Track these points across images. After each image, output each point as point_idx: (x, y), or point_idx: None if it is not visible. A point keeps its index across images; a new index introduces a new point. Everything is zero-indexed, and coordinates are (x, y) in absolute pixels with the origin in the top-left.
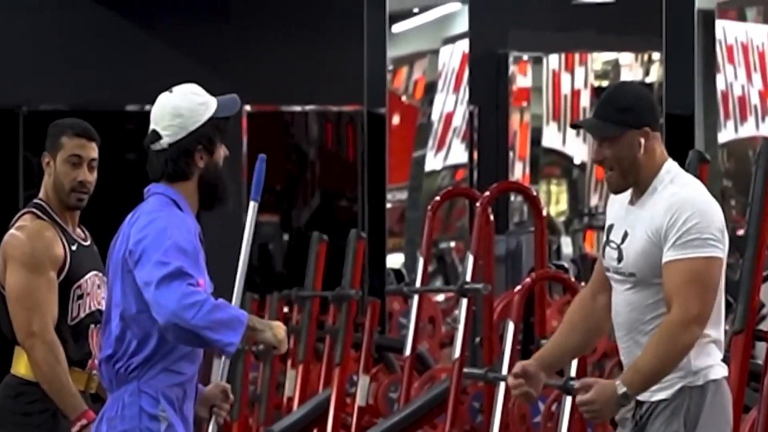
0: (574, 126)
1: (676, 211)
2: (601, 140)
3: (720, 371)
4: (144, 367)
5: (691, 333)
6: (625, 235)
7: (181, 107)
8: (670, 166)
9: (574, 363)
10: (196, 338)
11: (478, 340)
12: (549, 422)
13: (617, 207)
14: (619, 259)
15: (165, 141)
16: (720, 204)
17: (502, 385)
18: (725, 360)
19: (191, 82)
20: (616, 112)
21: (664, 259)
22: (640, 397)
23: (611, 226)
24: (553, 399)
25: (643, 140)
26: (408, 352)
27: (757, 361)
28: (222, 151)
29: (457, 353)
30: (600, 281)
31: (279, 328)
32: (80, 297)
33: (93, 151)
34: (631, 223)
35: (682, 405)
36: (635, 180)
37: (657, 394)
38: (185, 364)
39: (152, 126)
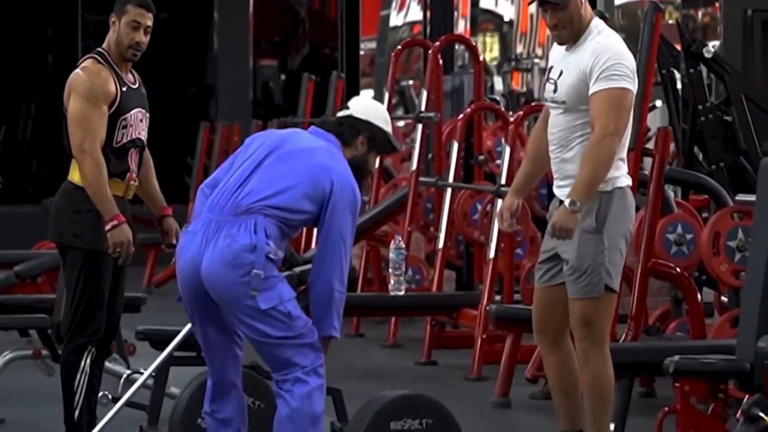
0: (532, 1)
1: (600, 54)
2: (554, 8)
3: (625, 181)
4: (274, 217)
5: (610, 143)
6: (561, 73)
7: (374, 106)
8: (597, 21)
9: (504, 172)
10: (327, 298)
11: (430, 156)
12: (485, 219)
13: (556, 54)
14: (555, 90)
15: (351, 111)
16: None
17: (449, 190)
18: None
19: None
20: None
21: (591, 91)
22: (561, 197)
23: (551, 68)
24: (488, 201)
25: (582, 0)
26: (376, 165)
27: (644, 172)
28: (373, 161)
29: (414, 166)
30: (547, 118)
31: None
32: (125, 127)
33: (149, 19)
34: (565, 64)
35: (594, 205)
36: (578, 32)
37: None
38: (285, 242)
39: (350, 104)
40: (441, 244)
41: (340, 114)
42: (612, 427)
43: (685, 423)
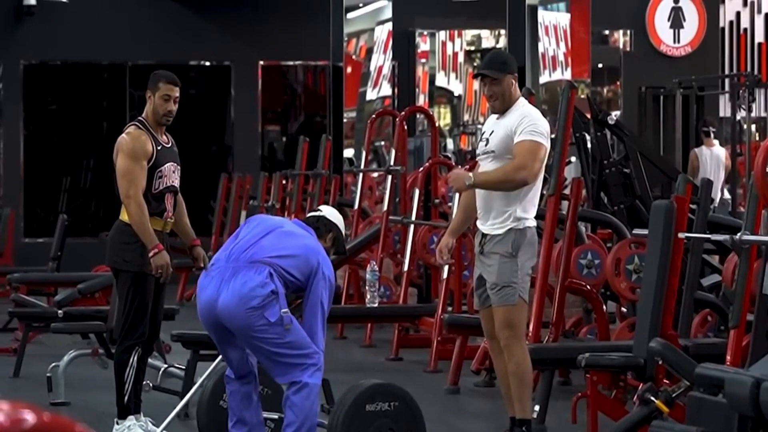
0: (476, 75)
1: (524, 117)
2: (491, 82)
3: (532, 223)
4: (278, 273)
5: (521, 174)
6: (492, 132)
7: (339, 216)
8: (522, 100)
9: (455, 212)
10: (319, 312)
11: (397, 199)
12: None
13: (489, 122)
14: (487, 144)
15: (324, 214)
16: None
17: (412, 226)
18: (544, 214)
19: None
20: (499, 65)
21: (515, 141)
22: (485, 232)
23: (484, 132)
24: (442, 234)
25: (513, 81)
26: (356, 207)
27: (562, 212)
28: (330, 255)
29: (385, 207)
30: None
31: None
32: (160, 177)
33: (176, 92)
34: (496, 127)
35: (510, 237)
36: (508, 104)
37: (495, 230)
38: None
39: (322, 208)
40: (406, 268)
41: (314, 213)
42: (537, 408)
43: (594, 405)
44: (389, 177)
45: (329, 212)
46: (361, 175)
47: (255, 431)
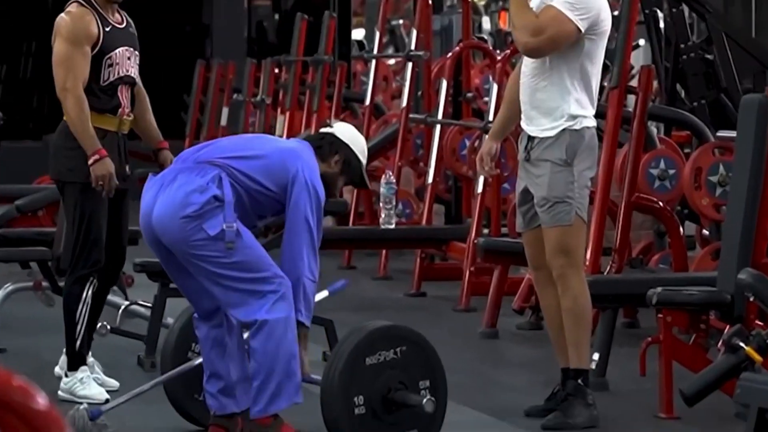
0: None
1: None
2: None
3: (591, 122)
4: (234, 179)
5: (528, 38)
6: (535, 9)
7: (357, 136)
8: None
9: (492, 109)
10: (295, 287)
11: (419, 93)
12: (473, 154)
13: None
14: None
15: (334, 131)
16: None
17: (438, 126)
18: (605, 111)
19: None
20: None
21: (547, 4)
22: (532, 134)
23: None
24: (476, 137)
25: None
26: (367, 102)
27: (628, 109)
28: (340, 185)
29: (404, 103)
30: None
31: None
32: (110, 65)
33: None
34: (543, 3)
35: (564, 140)
36: None
37: (545, 132)
38: (257, 217)
39: (335, 124)
40: (430, 179)
41: (323, 130)
42: (596, 356)
43: (668, 353)
44: (409, 65)
45: (341, 129)
46: (373, 62)
47: (237, 387)
